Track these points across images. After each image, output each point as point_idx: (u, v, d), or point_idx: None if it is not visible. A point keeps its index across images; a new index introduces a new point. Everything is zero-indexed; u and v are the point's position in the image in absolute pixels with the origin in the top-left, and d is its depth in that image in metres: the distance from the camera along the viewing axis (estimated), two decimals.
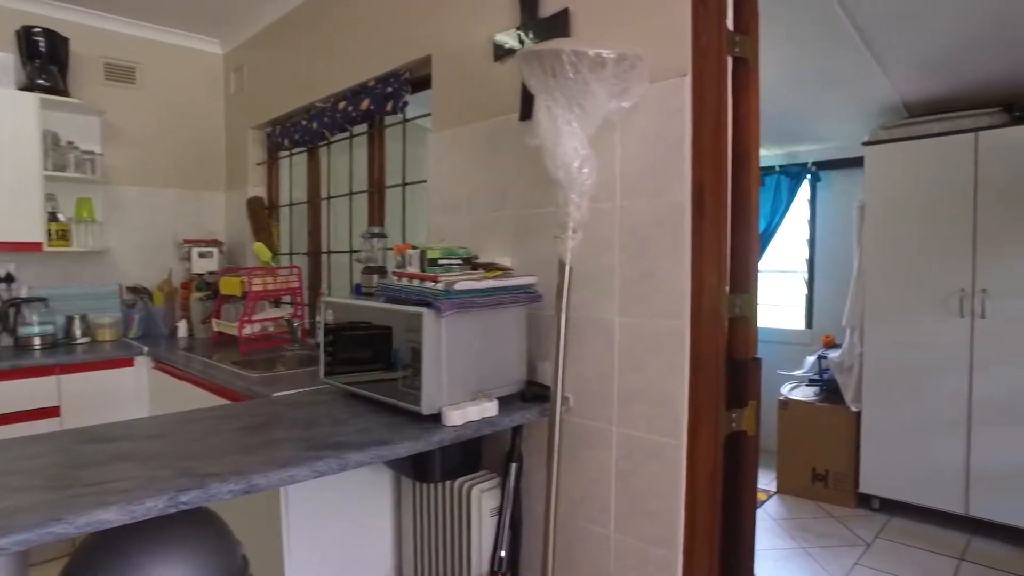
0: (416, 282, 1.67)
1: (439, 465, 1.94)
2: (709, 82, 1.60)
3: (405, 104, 2.53)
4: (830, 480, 3.86)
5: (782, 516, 3.75)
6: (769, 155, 4.72)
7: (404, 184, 2.75)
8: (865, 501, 3.77)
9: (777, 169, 4.64)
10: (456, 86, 2.25)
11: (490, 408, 1.67)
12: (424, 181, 2.45)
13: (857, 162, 3.81)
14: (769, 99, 4.01)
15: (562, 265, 1.68)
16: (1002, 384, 3.25)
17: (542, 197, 1.95)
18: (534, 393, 1.86)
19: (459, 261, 1.74)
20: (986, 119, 3.33)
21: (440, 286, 1.60)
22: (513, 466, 1.96)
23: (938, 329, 3.41)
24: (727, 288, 1.67)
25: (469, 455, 2.06)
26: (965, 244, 3.32)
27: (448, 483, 2.02)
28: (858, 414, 3.72)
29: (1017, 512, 3.24)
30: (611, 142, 1.76)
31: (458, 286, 1.60)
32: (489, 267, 1.77)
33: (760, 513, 3.78)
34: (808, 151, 4.54)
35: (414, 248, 1.77)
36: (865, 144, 3.64)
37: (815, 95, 3.55)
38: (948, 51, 2.99)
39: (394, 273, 1.78)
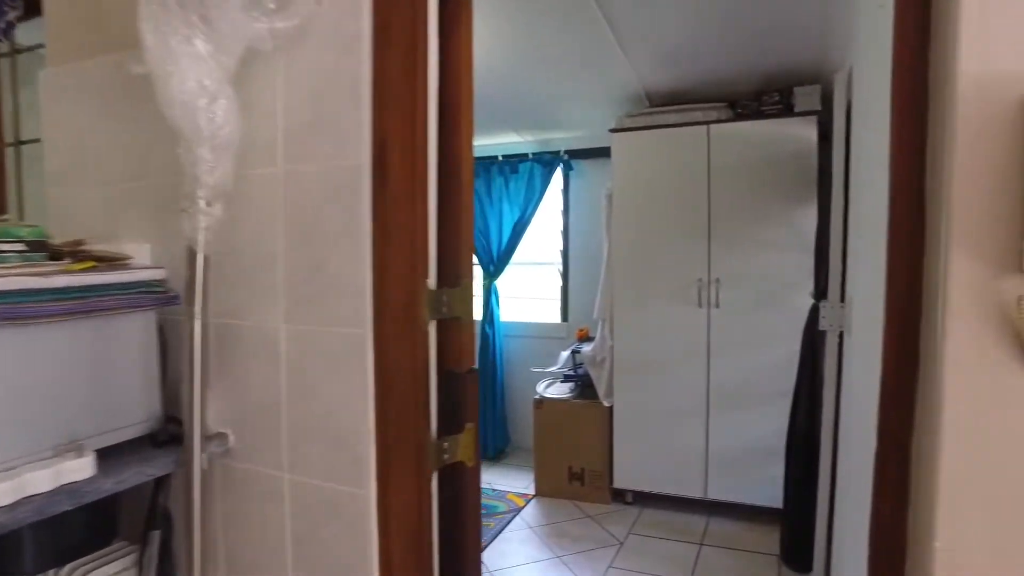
0: None
1: (29, 550, 1.30)
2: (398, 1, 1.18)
3: (11, 26, 1.79)
4: (586, 478, 3.76)
5: (539, 522, 3.56)
6: (522, 142, 4.56)
7: (18, 144, 1.99)
8: (620, 496, 3.72)
9: (530, 157, 4.49)
10: None
11: (74, 469, 1.10)
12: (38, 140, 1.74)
13: (608, 151, 3.74)
14: (516, 80, 3.85)
15: (191, 252, 1.15)
16: (733, 370, 3.35)
17: None
18: (171, 433, 1.31)
19: (21, 247, 1.12)
20: (715, 113, 3.40)
21: None
22: (154, 534, 1.39)
23: (680, 319, 3.43)
24: (431, 281, 1.27)
25: (92, 526, 1.43)
26: (702, 234, 3.37)
27: (53, 573, 1.39)
28: (611, 409, 3.65)
29: (745, 490, 3.36)
30: (270, 83, 1.26)
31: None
32: (80, 255, 1.18)
33: (517, 521, 3.55)
34: (561, 139, 4.45)
35: None
36: (612, 131, 3.57)
37: (563, 77, 3.38)
38: (683, 44, 2.95)
39: None
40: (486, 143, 4.64)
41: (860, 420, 1.83)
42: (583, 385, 3.90)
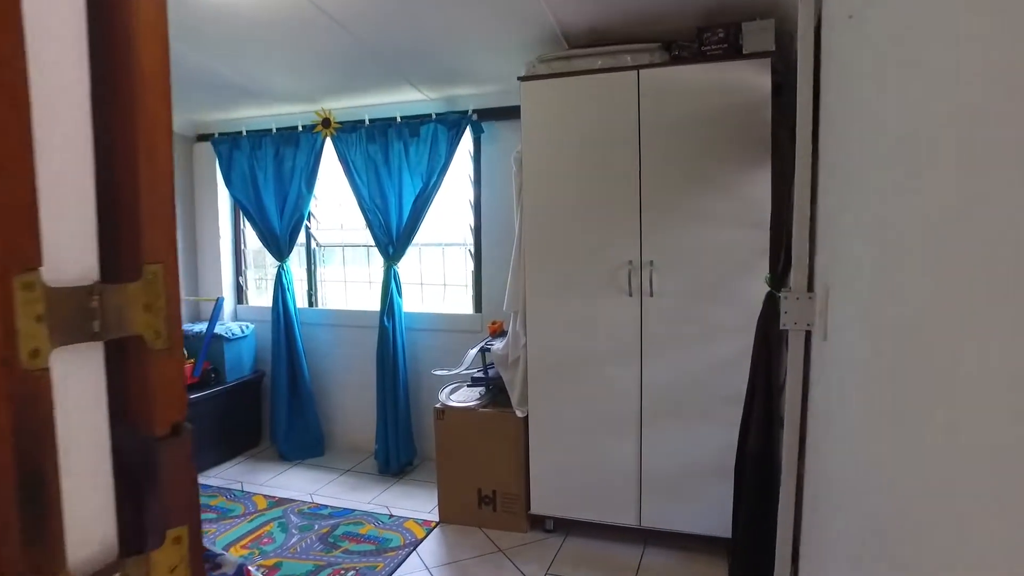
0: None
1: None
2: None
3: None
4: (499, 502, 3.12)
5: (440, 560, 2.90)
6: (424, 100, 3.82)
7: None
8: (538, 523, 3.10)
9: (433, 117, 3.75)
10: None
11: None
12: None
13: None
14: (402, 20, 3.12)
15: None
16: (670, 373, 2.75)
17: None
18: None
19: None
20: (647, 56, 2.74)
21: None
22: None
23: (607, 311, 2.80)
24: (55, 270, 0.56)
25: None
26: (631, 206, 2.73)
27: None
28: (526, 419, 3.01)
29: (685, 516, 2.79)
30: None
31: None
32: None
33: (413, 560, 2.89)
34: (468, 96, 3.73)
35: None
36: (521, 80, 2.87)
37: (460, 14, 2.67)
38: None
39: None
40: (382, 101, 3.89)
41: (845, 446, 1.27)
42: (495, 390, 3.25)
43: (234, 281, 4.69)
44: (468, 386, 3.34)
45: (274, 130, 4.16)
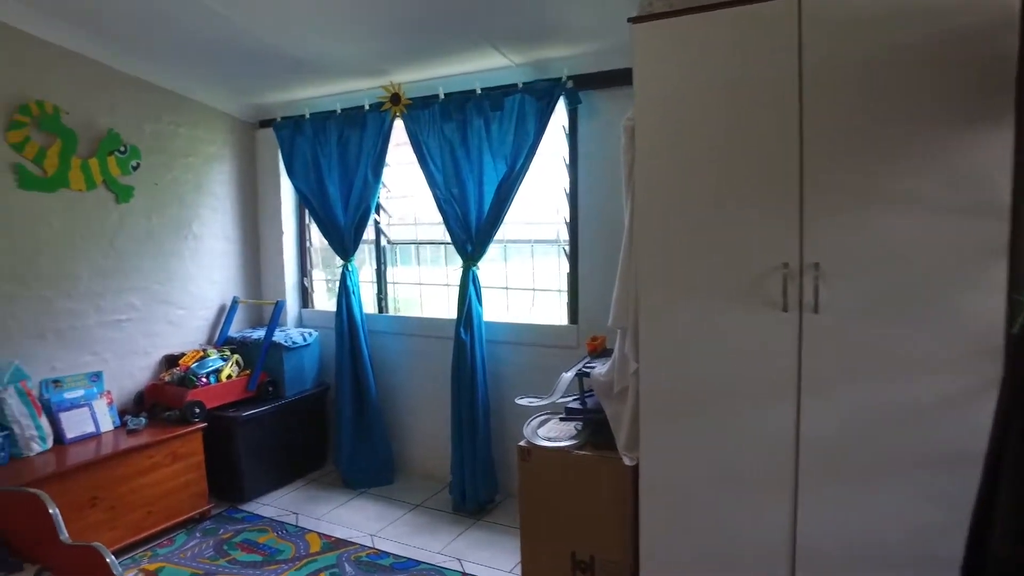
0: None
1: None
2: None
3: None
4: (597, 570, 2.44)
5: None
6: (508, 67, 3.17)
7: None
8: None
9: (520, 87, 3.10)
10: None
11: None
12: None
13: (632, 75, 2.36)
14: None
15: None
16: (841, 416, 1.96)
17: None
18: None
19: None
20: None
21: None
22: None
23: (750, 332, 2.05)
24: None
25: None
26: (788, 190, 1.97)
27: None
28: (636, 468, 2.31)
29: None
30: None
31: None
32: None
33: None
34: (561, 58, 3.05)
35: None
36: (633, 21, 2.16)
37: None
38: None
39: None
40: (459, 71, 3.28)
41: None
42: (594, 426, 2.56)
43: (298, 282, 4.23)
44: (560, 419, 2.67)
45: (339, 111, 3.64)
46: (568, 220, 3.26)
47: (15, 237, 3.02)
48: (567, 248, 3.30)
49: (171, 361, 3.63)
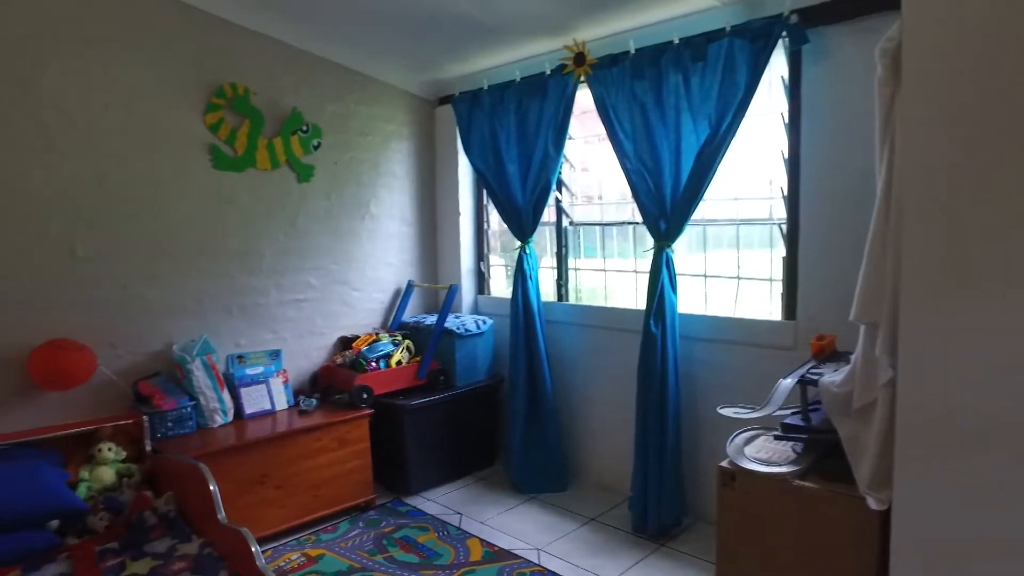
0: None
1: None
2: None
3: None
4: None
5: None
6: (712, 7, 2.63)
7: None
8: None
9: (728, 30, 2.56)
10: None
11: None
12: None
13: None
14: None
15: None
16: None
17: None
18: None
19: None
20: None
21: None
22: None
23: None
24: None
25: None
26: None
27: None
28: (885, 514, 1.70)
29: None
30: None
31: None
32: None
33: None
34: None
35: None
36: None
37: None
38: None
39: None
40: (653, 19, 2.81)
41: None
42: (821, 448, 1.97)
43: (474, 267, 4.01)
44: (774, 436, 2.11)
45: (518, 79, 3.33)
46: (786, 192, 2.66)
47: (209, 215, 3.08)
48: (783, 227, 2.70)
49: (345, 343, 3.56)
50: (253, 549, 1.90)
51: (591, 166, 3.46)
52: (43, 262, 2.64)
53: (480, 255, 4.02)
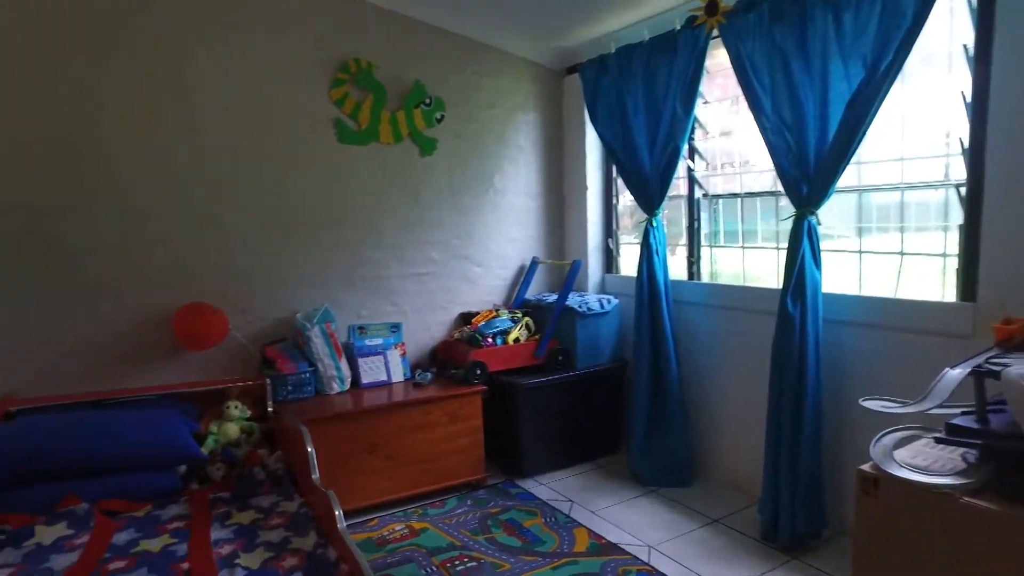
0: None
1: None
2: None
3: None
4: None
5: None
6: None
7: None
8: None
9: None
10: None
11: None
12: None
13: None
14: None
15: None
16: None
17: None
18: None
19: None
20: None
21: None
22: None
23: None
24: None
25: None
26: None
27: None
28: None
29: None
30: None
31: None
32: None
33: None
34: None
35: None
36: None
37: None
38: None
39: None
40: None
41: None
42: (1004, 458, 1.56)
43: (601, 243, 3.79)
44: (936, 439, 1.71)
45: (646, 38, 3.06)
46: (966, 148, 2.17)
47: (333, 188, 3.15)
48: (962, 190, 2.21)
49: (466, 319, 3.51)
50: (336, 512, 1.87)
51: (731, 130, 3.10)
52: (188, 232, 2.83)
53: (608, 232, 3.80)
